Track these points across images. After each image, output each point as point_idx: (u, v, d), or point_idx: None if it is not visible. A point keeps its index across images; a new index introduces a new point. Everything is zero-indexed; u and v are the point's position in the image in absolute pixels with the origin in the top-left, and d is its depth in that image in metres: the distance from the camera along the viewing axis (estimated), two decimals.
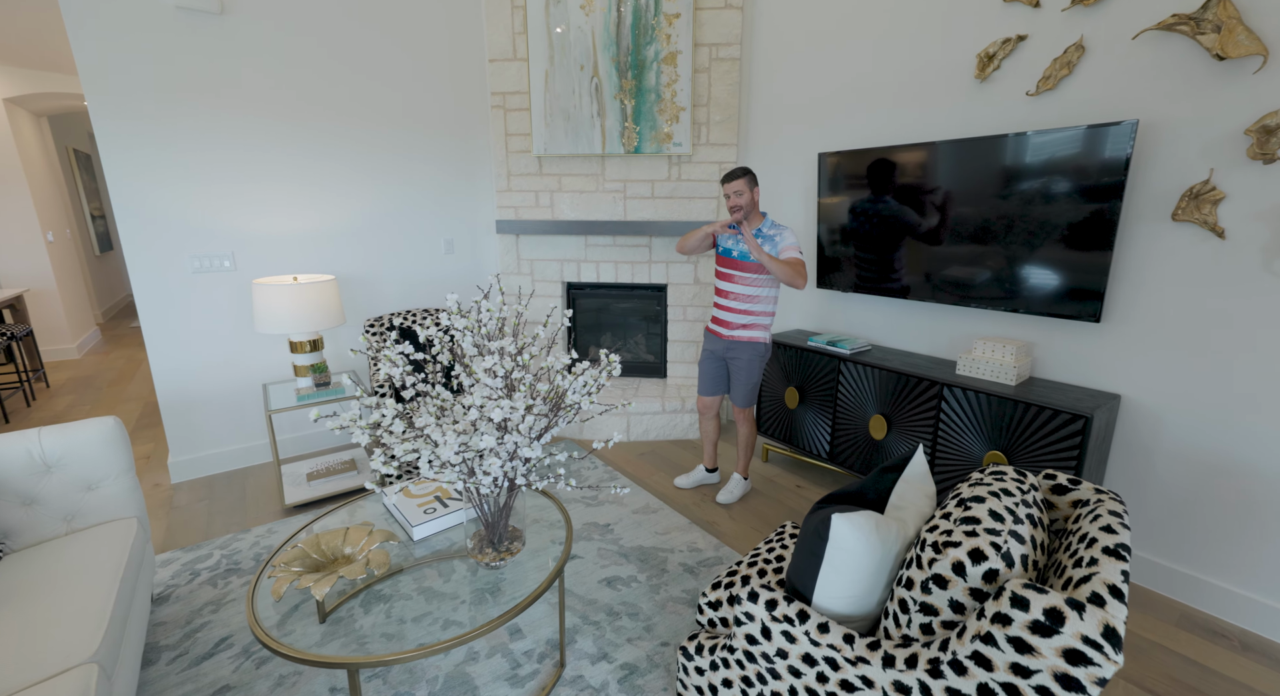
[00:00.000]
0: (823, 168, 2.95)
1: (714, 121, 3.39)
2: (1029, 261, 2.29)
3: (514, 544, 1.86)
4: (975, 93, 2.48)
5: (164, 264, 2.94)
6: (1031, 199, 2.23)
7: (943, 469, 2.45)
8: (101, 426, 2.01)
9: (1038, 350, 2.41)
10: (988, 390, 2.27)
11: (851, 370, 2.76)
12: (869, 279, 2.88)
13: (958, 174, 2.44)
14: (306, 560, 1.70)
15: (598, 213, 3.63)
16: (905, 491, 1.52)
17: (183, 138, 2.87)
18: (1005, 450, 2.23)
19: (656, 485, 3.09)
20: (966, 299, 2.52)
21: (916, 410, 2.52)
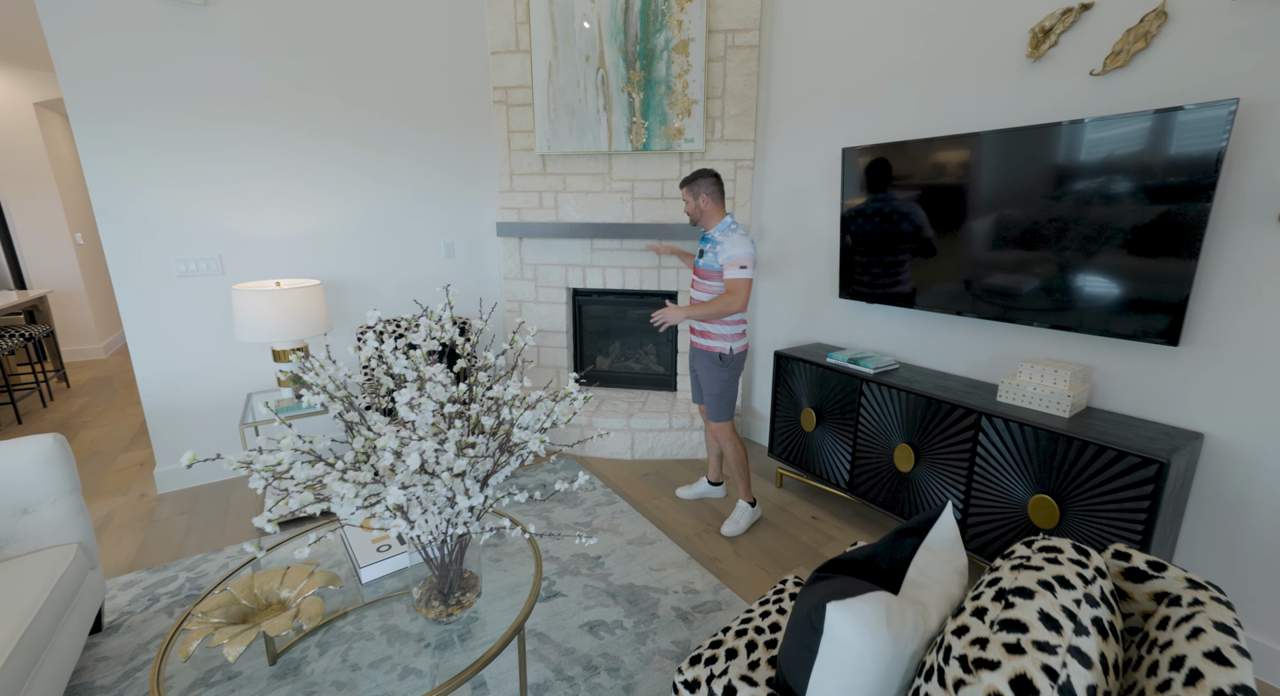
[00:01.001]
0: (847, 164, 2.61)
1: (729, 115, 3.09)
2: (1089, 270, 1.91)
3: (466, 595, 1.60)
4: (1026, 75, 2.11)
5: (148, 266, 2.80)
6: (1093, 197, 1.86)
7: (979, 513, 2.09)
8: (39, 445, 1.82)
9: (1097, 376, 2.03)
10: (1035, 422, 1.90)
11: (875, 392, 2.42)
12: (898, 289, 2.53)
13: (1003, 169, 2.08)
14: (232, 608, 1.47)
15: (604, 214, 3.37)
16: (929, 563, 1.20)
17: (166, 135, 2.72)
18: (1055, 495, 1.86)
19: (658, 511, 2.80)
20: (1011, 312, 2.15)
21: (949, 441, 2.17)
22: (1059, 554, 1.04)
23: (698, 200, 2.43)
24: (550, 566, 2.38)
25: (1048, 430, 1.87)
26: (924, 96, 2.44)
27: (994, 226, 2.13)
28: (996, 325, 2.31)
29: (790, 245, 3.14)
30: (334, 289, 3.24)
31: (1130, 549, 1.11)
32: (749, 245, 2.34)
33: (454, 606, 1.55)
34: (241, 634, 1.36)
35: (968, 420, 2.10)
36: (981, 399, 2.14)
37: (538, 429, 1.43)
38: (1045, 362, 2.04)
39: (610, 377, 3.77)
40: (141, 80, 2.63)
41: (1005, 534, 2.01)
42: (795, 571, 2.35)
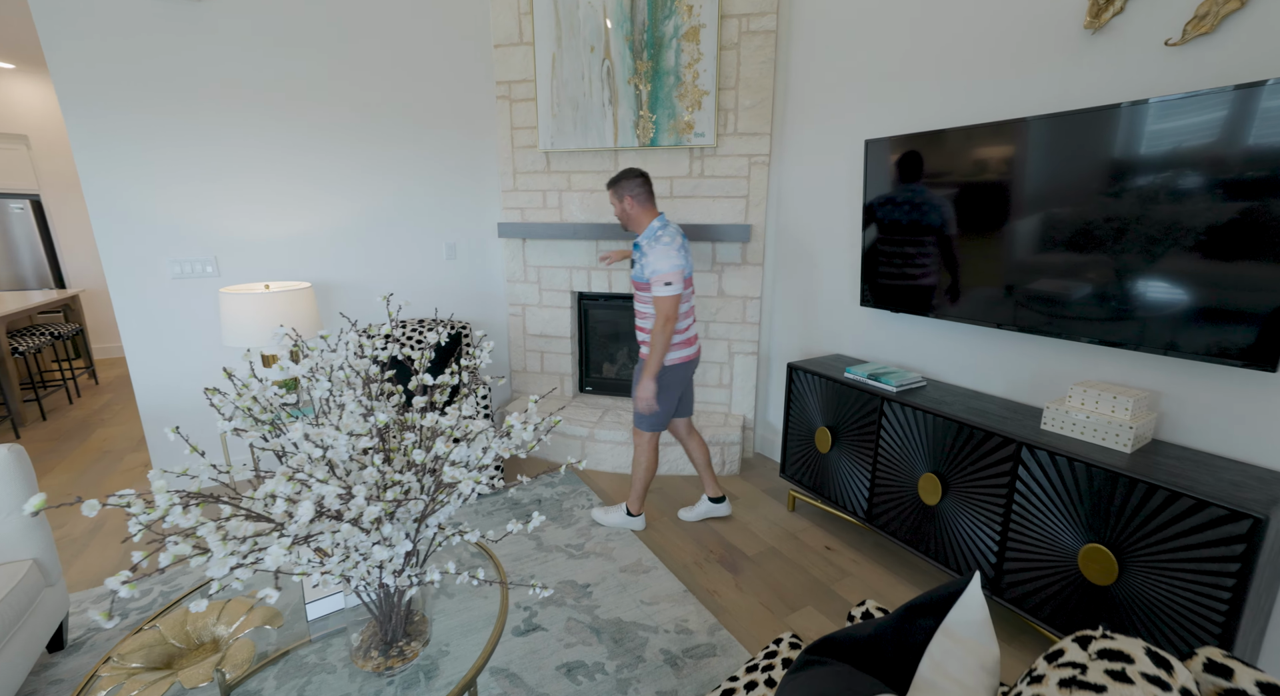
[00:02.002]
0: (871, 158, 2.31)
1: (743, 107, 2.81)
2: (1153, 276, 1.57)
3: (411, 644, 1.38)
4: (1084, 49, 1.78)
5: (142, 268, 2.69)
6: (1160, 191, 1.52)
7: (1018, 559, 1.77)
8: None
9: (1166, 403, 1.68)
10: (1088, 457, 1.57)
11: (898, 412, 2.11)
12: (928, 296, 2.21)
13: (1053, 160, 1.75)
14: (156, 649, 1.28)
15: (610, 214, 3.13)
16: (948, 655, 0.92)
17: (158, 133, 2.60)
18: (1112, 546, 1.53)
19: (656, 534, 2.55)
20: (1058, 324, 1.82)
21: (983, 474, 1.85)
22: (1128, 664, 0.75)
23: (623, 203, 2.23)
24: (533, 594, 2.15)
25: (1104, 467, 1.54)
26: (960, 80, 2.12)
27: (1040, 226, 1.80)
28: (1041, 340, 1.97)
29: (809, 248, 2.84)
30: (334, 291, 3.10)
31: (1232, 658, 0.80)
32: (674, 254, 2.11)
33: (394, 658, 1.33)
34: (154, 685, 1.18)
35: (1005, 450, 1.77)
36: (1022, 426, 1.81)
37: (478, 466, 1.20)
38: (1102, 386, 1.70)
39: (616, 386, 3.54)
40: (135, 78, 2.52)
41: (1049, 585, 1.68)
42: (803, 610, 2.07)
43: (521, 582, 1.57)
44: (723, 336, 3.14)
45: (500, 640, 1.93)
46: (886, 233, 2.31)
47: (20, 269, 5.75)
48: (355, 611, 1.51)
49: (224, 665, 1.23)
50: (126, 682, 1.17)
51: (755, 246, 2.96)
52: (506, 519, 2.64)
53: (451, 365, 1.50)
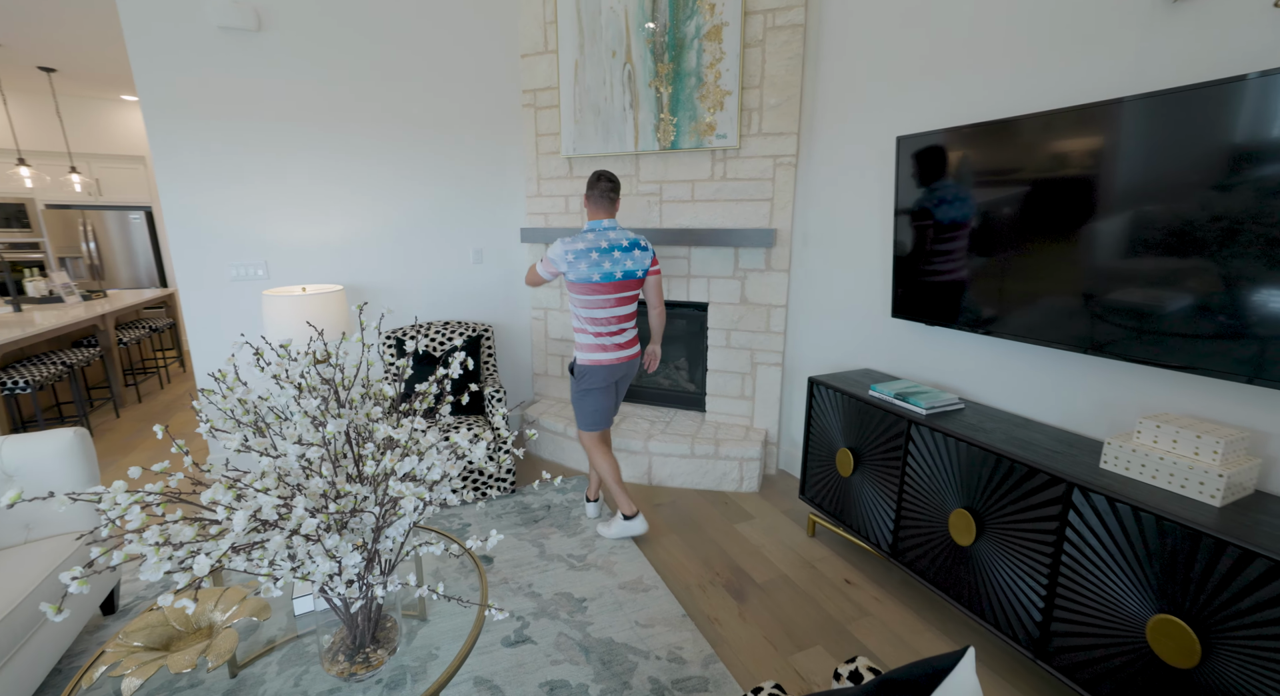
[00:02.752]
0: (905, 155, 1.97)
1: (768, 106, 2.52)
2: (1275, 288, 1.19)
3: (378, 652, 1.21)
4: (1163, 19, 1.40)
5: (205, 270, 2.72)
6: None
7: (1070, 621, 1.40)
8: (60, 439, 1.77)
9: (1275, 446, 1.28)
10: (1160, 508, 1.20)
11: (926, 438, 1.76)
12: (971, 310, 1.85)
13: (1149, 147, 1.39)
14: (157, 630, 1.22)
15: (629, 219, 2.91)
16: None
17: (220, 149, 2.63)
18: (1192, 619, 1.16)
19: (662, 550, 2.29)
20: (1139, 346, 1.44)
21: (1025, 516, 1.49)
22: None
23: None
24: (528, 604, 1.95)
25: (1182, 523, 1.17)
26: (1013, 66, 1.76)
27: (1125, 228, 1.43)
28: (1107, 362, 1.59)
29: (839, 254, 2.51)
30: (369, 294, 3.04)
31: None
32: (557, 246, 2.10)
33: (359, 664, 1.17)
34: (146, 665, 1.10)
35: (1053, 491, 1.41)
36: (1075, 463, 1.44)
37: (428, 482, 1.01)
38: (1183, 421, 1.32)
39: (636, 393, 3.30)
40: (203, 100, 2.55)
41: (1110, 657, 1.31)
42: (811, 651, 1.76)
43: (477, 604, 1.36)
44: (745, 346, 2.84)
45: (489, 649, 1.74)
46: (922, 237, 1.97)
47: (137, 270, 6.18)
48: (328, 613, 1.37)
49: (209, 652, 1.15)
50: (125, 660, 1.13)
51: (780, 252, 2.66)
52: (515, 523, 2.46)
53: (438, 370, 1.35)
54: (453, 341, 2.90)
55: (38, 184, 4.67)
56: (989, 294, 1.77)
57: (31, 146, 5.17)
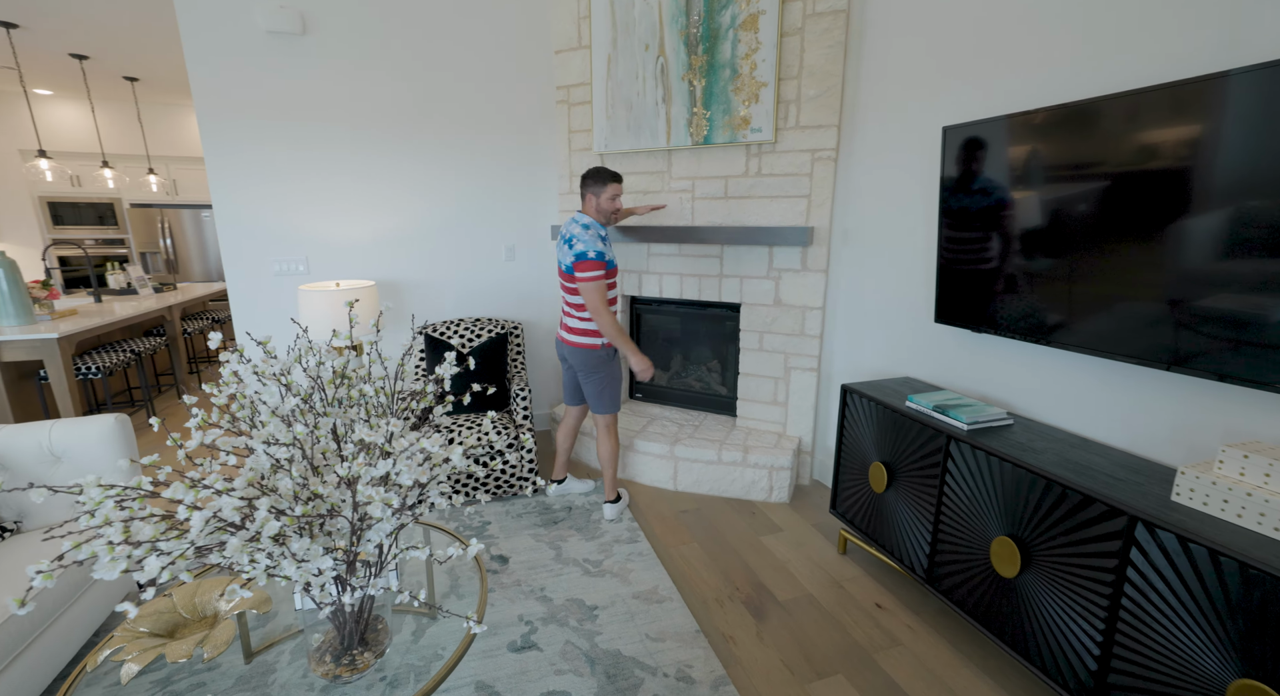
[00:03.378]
0: (952, 147, 1.81)
1: (806, 98, 2.39)
2: None
3: (364, 655, 1.20)
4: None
5: (252, 266, 2.86)
6: None
7: (1134, 674, 1.23)
8: (104, 424, 1.87)
9: None
10: (1246, 555, 1.03)
11: (967, 456, 1.61)
12: (1026, 315, 1.68)
13: (1240, 134, 1.21)
14: (163, 617, 1.26)
15: (662, 216, 2.84)
16: None
17: (268, 147, 2.74)
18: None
19: (681, 559, 2.21)
20: (1228, 357, 1.25)
21: (1078, 551, 1.32)
22: None
23: (584, 201, 2.27)
24: (538, 608, 1.92)
25: (1274, 574, 0.99)
26: (1078, 44, 1.58)
27: (1221, 226, 1.24)
28: (1189, 380, 1.39)
29: (881, 254, 2.36)
30: (403, 289, 3.11)
31: None
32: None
33: (343, 667, 1.16)
34: (145, 652, 1.13)
35: (1112, 524, 1.25)
36: (1141, 493, 1.27)
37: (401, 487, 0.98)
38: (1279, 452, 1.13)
39: (666, 395, 3.23)
40: (251, 102, 2.67)
41: None
42: (831, 679, 1.64)
43: (455, 612, 1.33)
44: (778, 349, 2.72)
45: (494, 653, 1.72)
46: (971, 237, 1.80)
47: (208, 265, 6.61)
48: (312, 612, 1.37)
49: (205, 643, 1.17)
50: (129, 645, 1.16)
51: (817, 251, 2.52)
52: (534, 523, 2.44)
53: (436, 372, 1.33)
54: (481, 338, 2.92)
55: (119, 185, 5.07)
56: (1051, 299, 1.59)
57: (115, 150, 5.62)
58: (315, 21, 2.66)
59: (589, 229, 2.18)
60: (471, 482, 2.57)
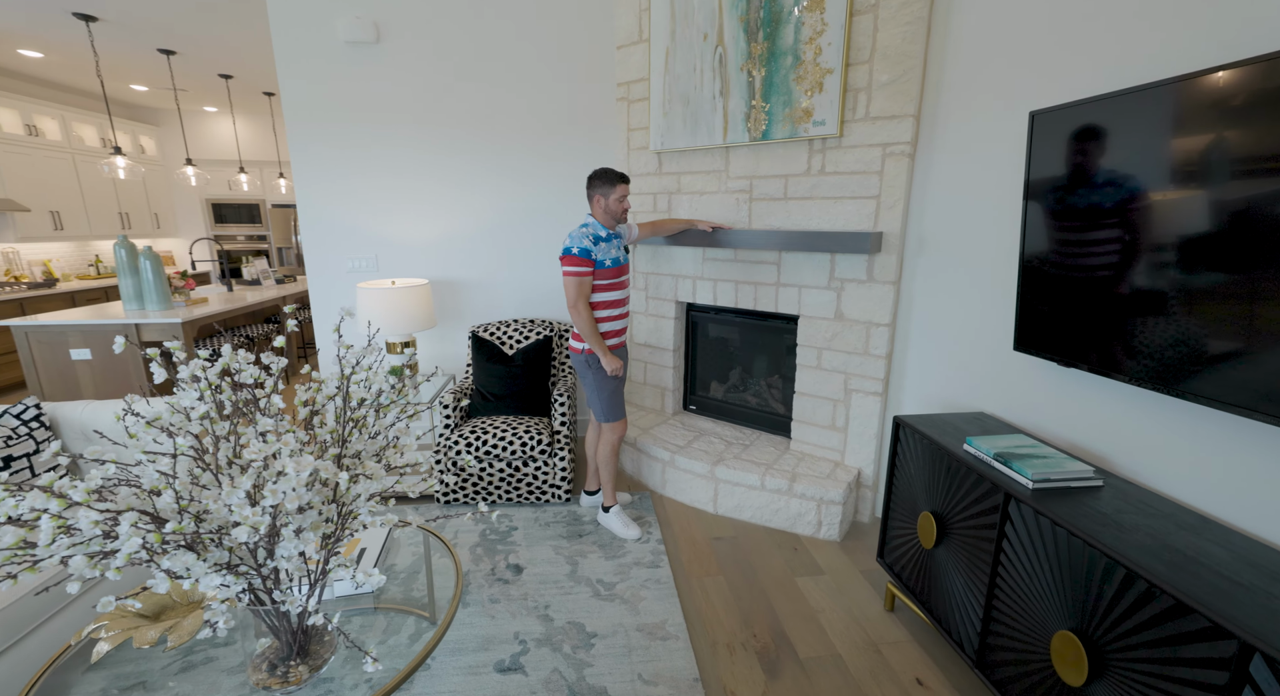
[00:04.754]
0: (1053, 133, 1.49)
1: (878, 85, 2.12)
2: None
3: (299, 667, 1.23)
4: None
5: (330, 264, 3.16)
6: None
7: None
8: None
9: None
10: None
11: (1029, 521, 1.31)
12: (1143, 355, 1.34)
13: None
14: (156, 599, 1.38)
15: (716, 219, 2.69)
16: None
17: (343, 149, 3.01)
18: None
19: (700, 593, 2.08)
20: None
21: (1168, 675, 1.01)
22: None
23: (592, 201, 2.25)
24: (537, 628, 1.89)
25: None
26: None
27: None
28: None
29: (964, 266, 2.03)
30: (463, 288, 3.26)
31: None
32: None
33: (275, 679, 1.20)
34: (119, 634, 1.25)
35: (1216, 647, 0.93)
36: (1270, 610, 0.94)
37: (277, 509, 0.96)
38: None
39: (720, 409, 3.07)
40: (330, 106, 2.94)
41: None
42: None
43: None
44: (838, 368, 2.46)
45: (480, 671, 1.72)
46: (1066, 248, 1.48)
47: None
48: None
49: (171, 632, 1.24)
50: (113, 622, 1.25)
51: (886, 260, 2.24)
52: (559, 535, 2.43)
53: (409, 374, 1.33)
54: (529, 339, 2.97)
55: (252, 188, 5.86)
56: (1178, 337, 1.24)
57: (250, 157, 6.52)
58: (387, 29, 2.85)
59: (584, 227, 2.19)
60: (505, 486, 2.61)
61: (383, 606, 1.57)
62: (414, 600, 1.61)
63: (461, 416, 2.77)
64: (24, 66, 4.74)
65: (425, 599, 1.62)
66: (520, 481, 2.61)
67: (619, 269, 2.26)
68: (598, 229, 2.19)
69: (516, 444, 2.54)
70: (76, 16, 3.44)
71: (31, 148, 5.05)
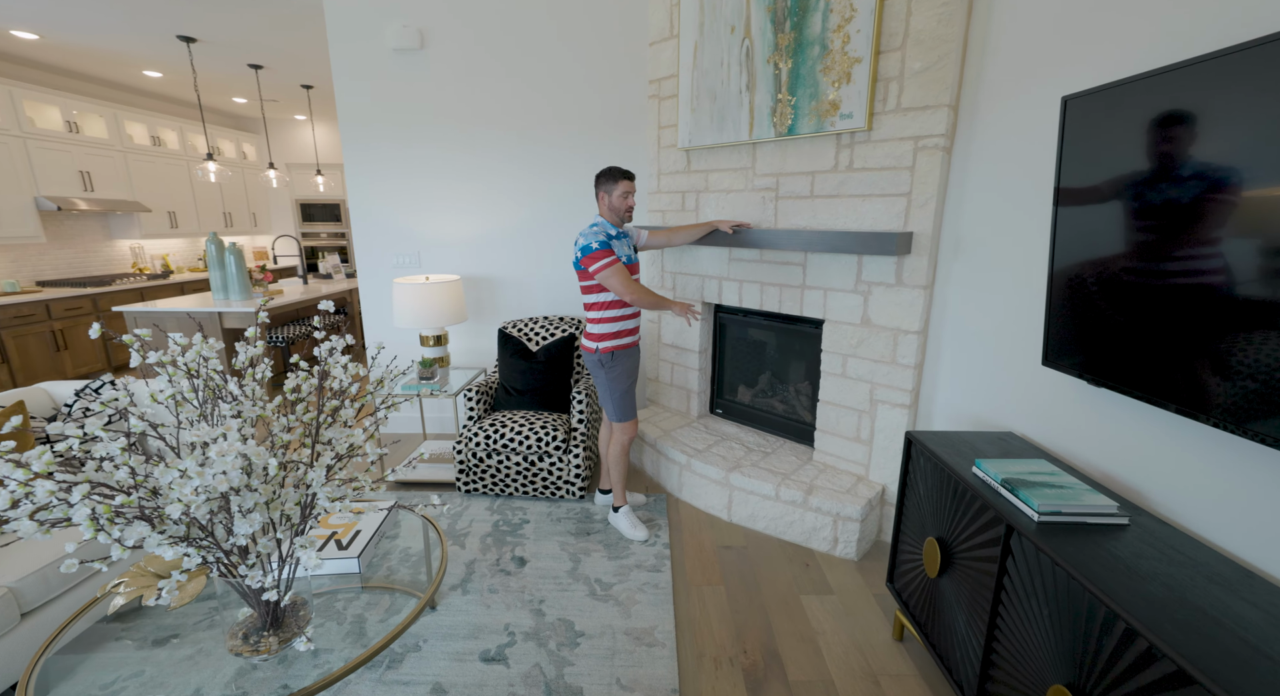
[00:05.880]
0: (1079, 121, 1.32)
1: (910, 73, 1.96)
2: None
3: (269, 638, 1.30)
4: None
5: (377, 259, 3.37)
6: None
7: None
8: None
9: None
10: None
11: (1030, 558, 1.16)
12: (1185, 372, 1.16)
13: None
14: (167, 565, 1.53)
15: (742, 218, 2.60)
16: None
17: (388, 150, 3.20)
18: None
19: (698, 602, 2.02)
20: None
21: None
22: None
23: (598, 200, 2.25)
24: (527, 621, 1.91)
25: None
26: None
27: None
28: None
29: (1005, 270, 1.84)
30: (498, 286, 3.37)
31: None
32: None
33: (246, 647, 1.28)
34: (131, 592, 1.39)
35: None
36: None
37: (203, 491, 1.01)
38: None
39: (747, 414, 2.98)
40: (378, 109, 3.14)
41: None
42: None
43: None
44: (864, 377, 2.31)
45: (465, 657, 1.76)
46: (1103, 252, 1.30)
47: None
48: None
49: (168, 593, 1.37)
50: (132, 579, 1.40)
51: (916, 262, 2.07)
52: (568, 530, 2.45)
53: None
54: (554, 336, 3.01)
55: (328, 189, 6.34)
56: (1236, 360, 1.06)
57: (328, 160, 7.05)
58: (431, 35, 2.99)
59: (594, 227, 2.17)
60: (521, 479, 2.67)
61: (371, 585, 1.65)
62: (399, 580, 1.68)
63: (485, 409, 2.86)
64: (149, 85, 5.40)
65: (423, 580, 1.69)
66: (535, 476, 2.66)
67: (631, 266, 2.25)
68: (607, 227, 2.19)
69: (532, 439, 2.58)
70: (180, 39, 3.86)
71: (155, 156, 5.75)
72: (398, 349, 3.45)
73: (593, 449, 2.84)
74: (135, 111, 5.50)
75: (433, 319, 2.94)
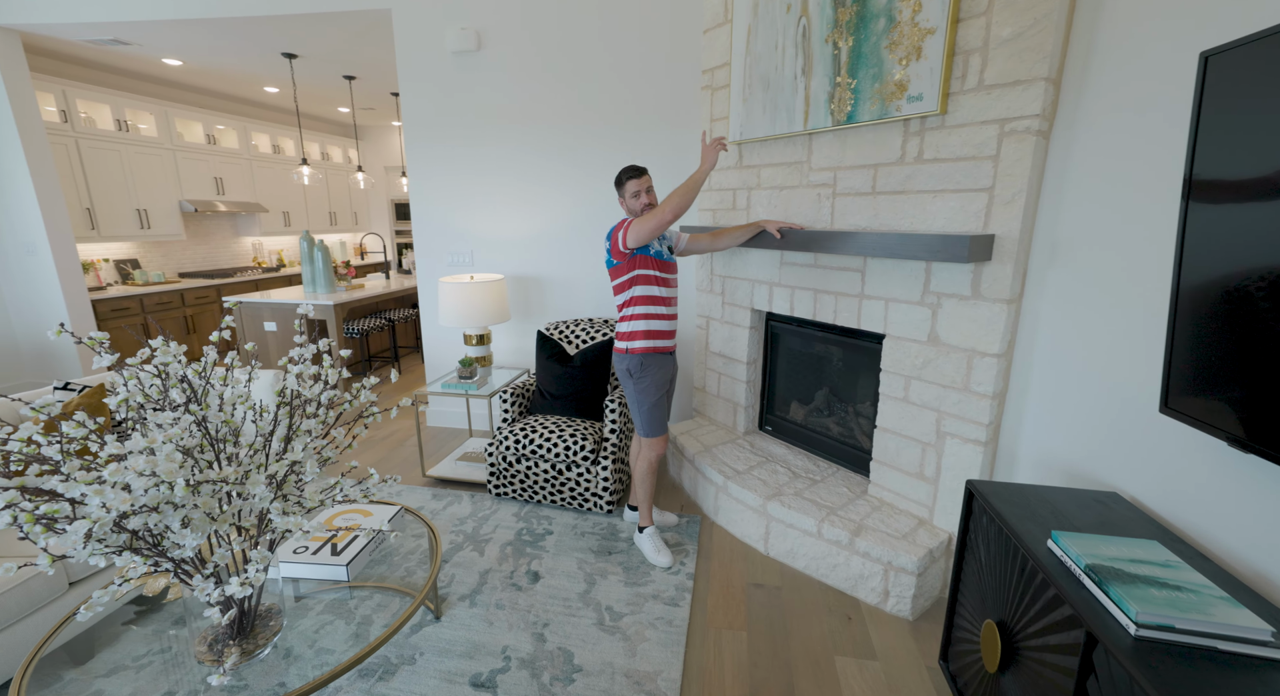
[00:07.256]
0: (1222, 84, 0.95)
1: (997, 42, 1.59)
2: None
3: (232, 648, 1.26)
4: None
5: (435, 258, 3.43)
6: None
7: None
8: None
9: None
10: None
11: (1121, 688, 0.83)
12: None
13: None
14: None
15: (795, 217, 2.31)
16: None
17: (448, 148, 3.23)
18: None
19: (713, 649, 1.79)
20: None
21: None
22: None
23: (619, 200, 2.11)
24: (525, 646, 1.79)
25: None
26: None
27: None
28: None
29: (1121, 285, 1.44)
30: (543, 285, 3.30)
31: None
32: None
33: (207, 655, 1.25)
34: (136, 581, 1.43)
35: None
36: None
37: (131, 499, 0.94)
38: None
39: (798, 434, 2.67)
40: (438, 111, 3.18)
41: None
42: None
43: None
44: (930, 404, 1.95)
45: (456, 679, 1.67)
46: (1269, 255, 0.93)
47: None
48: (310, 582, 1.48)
49: (175, 587, 1.39)
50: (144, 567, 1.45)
51: (999, 270, 1.70)
52: (589, 547, 2.31)
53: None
54: (594, 339, 2.88)
55: None
56: None
57: None
58: (487, 37, 2.96)
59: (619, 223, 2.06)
60: (549, 487, 2.56)
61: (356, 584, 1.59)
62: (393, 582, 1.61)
63: (521, 411, 2.78)
64: (270, 99, 5.95)
65: (419, 585, 1.62)
66: (563, 485, 2.54)
67: (666, 264, 2.10)
68: None
69: (560, 447, 2.46)
70: (284, 56, 4.17)
71: (274, 162, 6.34)
72: (446, 347, 3.48)
73: (624, 461, 2.68)
74: (260, 124, 6.09)
75: (475, 318, 2.91)
